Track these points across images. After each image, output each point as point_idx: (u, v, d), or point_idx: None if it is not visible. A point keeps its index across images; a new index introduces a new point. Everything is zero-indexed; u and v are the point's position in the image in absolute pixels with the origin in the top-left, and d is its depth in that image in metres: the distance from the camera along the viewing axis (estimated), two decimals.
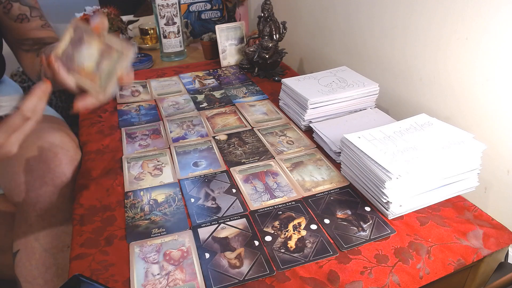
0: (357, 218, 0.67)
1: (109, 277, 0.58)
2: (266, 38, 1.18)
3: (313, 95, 0.90)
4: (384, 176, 0.63)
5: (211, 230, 0.65)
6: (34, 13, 0.88)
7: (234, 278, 0.57)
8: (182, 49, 1.43)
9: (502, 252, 0.66)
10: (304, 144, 0.88)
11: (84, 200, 0.73)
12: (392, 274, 0.57)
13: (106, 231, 0.66)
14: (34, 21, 0.88)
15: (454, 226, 0.65)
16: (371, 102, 0.95)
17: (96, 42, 0.61)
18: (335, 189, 0.74)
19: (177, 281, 0.56)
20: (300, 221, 0.67)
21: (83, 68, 0.61)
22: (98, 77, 0.62)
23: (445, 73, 0.83)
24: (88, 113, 1.05)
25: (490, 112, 0.75)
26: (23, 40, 0.88)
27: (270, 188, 0.74)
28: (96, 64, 0.61)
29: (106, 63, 0.62)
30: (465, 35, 0.76)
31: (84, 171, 0.81)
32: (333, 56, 1.23)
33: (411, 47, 0.90)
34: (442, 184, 0.68)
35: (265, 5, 1.16)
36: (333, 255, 0.60)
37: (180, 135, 0.93)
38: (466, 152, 0.67)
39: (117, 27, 1.46)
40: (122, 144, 0.90)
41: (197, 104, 1.08)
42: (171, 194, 0.74)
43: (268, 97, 1.11)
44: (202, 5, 1.58)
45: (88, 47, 0.61)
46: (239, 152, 0.86)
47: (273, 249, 0.61)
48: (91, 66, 0.61)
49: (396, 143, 0.69)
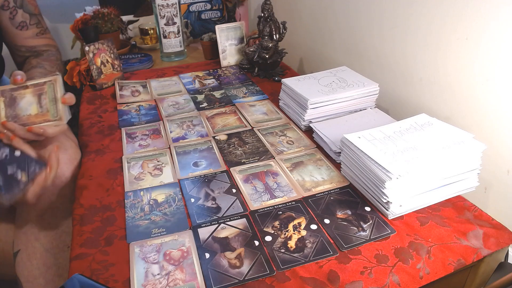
0: (357, 218, 0.67)
1: (109, 277, 0.58)
2: (266, 38, 1.18)
3: (313, 95, 0.90)
4: (384, 176, 0.63)
5: (211, 230, 0.65)
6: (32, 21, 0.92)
7: (234, 278, 0.57)
8: (182, 49, 1.43)
9: (502, 252, 0.66)
10: (304, 144, 0.88)
11: (84, 200, 0.73)
12: (392, 274, 0.57)
13: (106, 231, 0.66)
14: (31, 29, 0.92)
15: (454, 226, 0.65)
16: (371, 102, 0.95)
17: (26, 91, 0.73)
18: (335, 189, 0.74)
19: (177, 281, 0.56)
20: (300, 221, 0.67)
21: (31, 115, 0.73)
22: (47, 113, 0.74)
23: (445, 73, 0.83)
24: (88, 113, 1.05)
25: (490, 112, 0.75)
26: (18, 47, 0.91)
27: (270, 188, 0.74)
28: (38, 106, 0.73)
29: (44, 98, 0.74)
30: (465, 35, 0.76)
31: (84, 171, 0.81)
32: (333, 56, 1.23)
33: (411, 47, 0.90)
34: (442, 184, 0.68)
35: (265, 5, 1.16)
36: (333, 255, 0.60)
37: (180, 135, 0.93)
38: (466, 152, 0.67)
39: (117, 27, 1.46)
40: (122, 144, 0.90)
41: (197, 104, 1.08)
42: (171, 194, 0.74)
43: (268, 97, 1.11)
44: (202, 5, 1.58)
45: (22, 99, 0.72)
46: (239, 152, 0.86)
47: (273, 249, 0.61)
48: (35, 110, 0.73)
49: (396, 143, 0.69)
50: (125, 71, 1.30)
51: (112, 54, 1.20)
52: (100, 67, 1.17)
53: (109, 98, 1.13)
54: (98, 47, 1.16)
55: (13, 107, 0.71)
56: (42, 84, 0.73)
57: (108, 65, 1.20)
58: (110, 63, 1.20)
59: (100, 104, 1.10)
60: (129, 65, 1.34)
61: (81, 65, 1.19)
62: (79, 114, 1.07)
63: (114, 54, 1.21)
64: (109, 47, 1.19)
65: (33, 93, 0.72)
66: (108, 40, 1.20)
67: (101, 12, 1.42)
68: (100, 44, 1.17)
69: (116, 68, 1.22)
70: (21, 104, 0.72)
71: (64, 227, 0.81)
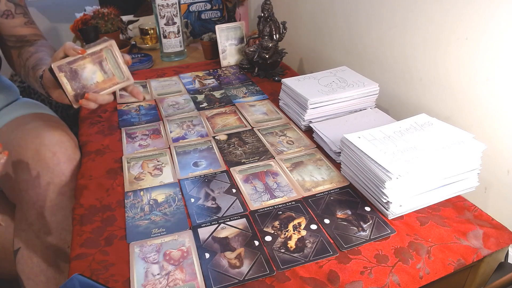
0: (357, 218, 0.67)
1: (109, 277, 0.58)
2: (266, 38, 1.18)
3: (313, 95, 0.90)
4: (384, 176, 0.63)
5: (211, 230, 0.65)
6: (18, 10, 0.92)
7: (234, 278, 0.57)
8: (182, 49, 1.43)
9: (502, 252, 0.66)
10: (304, 144, 0.88)
11: (84, 200, 0.73)
12: (392, 274, 0.57)
13: (106, 231, 0.66)
14: (18, 18, 0.91)
15: (454, 226, 0.65)
16: (371, 102, 0.95)
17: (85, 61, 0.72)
18: (335, 189, 0.74)
19: (177, 281, 0.56)
20: (300, 221, 0.67)
21: (99, 82, 0.73)
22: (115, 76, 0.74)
23: (445, 73, 0.83)
24: (88, 113, 1.05)
25: (490, 112, 0.75)
26: (7, 36, 0.92)
27: (270, 188, 0.74)
28: (103, 71, 0.73)
29: (106, 64, 0.73)
30: (465, 35, 0.76)
31: (84, 171, 0.81)
32: (333, 56, 1.23)
33: (411, 47, 0.90)
34: (442, 184, 0.68)
35: (265, 5, 1.16)
36: (333, 255, 0.60)
37: (180, 135, 0.93)
38: (466, 152, 0.67)
39: (117, 27, 1.46)
40: (122, 144, 0.90)
41: (197, 104, 1.08)
42: (171, 194, 0.74)
43: (268, 97, 1.11)
44: (202, 5, 1.58)
45: (84, 69, 0.72)
46: (239, 152, 0.86)
47: (273, 249, 0.61)
48: (101, 76, 0.73)
49: (396, 143, 0.69)
50: None
51: None
52: None
53: None
54: None
55: (77, 79, 0.71)
56: (99, 51, 0.73)
57: None
58: None
59: None
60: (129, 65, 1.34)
61: None
62: (79, 114, 1.07)
63: None
64: None
65: (93, 61, 0.72)
66: None
67: (101, 12, 1.42)
68: None
69: None
70: (84, 74, 0.72)
71: (64, 225, 0.82)
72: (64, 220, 0.82)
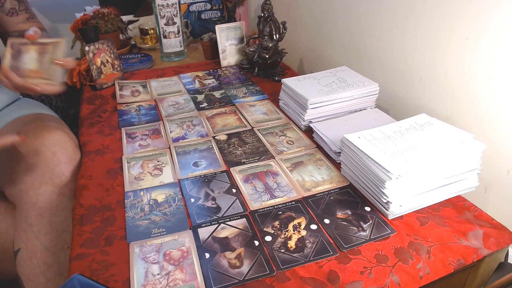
0: (357, 218, 0.67)
1: (109, 277, 0.58)
2: (266, 38, 1.18)
3: (313, 95, 0.90)
4: (384, 176, 0.63)
5: (211, 230, 0.65)
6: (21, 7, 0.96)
7: (234, 278, 0.57)
8: (182, 49, 1.43)
9: (502, 252, 0.66)
10: (304, 144, 0.88)
11: (84, 200, 0.73)
12: (392, 274, 0.57)
13: (106, 231, 0.66)
14: (21, 15, 0.96)
15: (454, 226, 0.65)
16: (371, 102, 0.95)
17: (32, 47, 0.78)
18: (335, 189, 0.74)
19: (177, 281, 0.56)
20: (300, 221, 0.67)
21: (29, 70, 0.78)
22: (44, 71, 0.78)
23: (445, 73, 0.83)
24: (88, 113, 1.05)
25: (490, 112, 0.75)
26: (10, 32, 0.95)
27: (270, 188, 0.74)
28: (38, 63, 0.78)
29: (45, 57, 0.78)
30: (465, 35, 0.76)
31: (84, 171, 0.81)
32: (333, 56, 1.23)
33: (411, 47, 0.90)
34: (442, 184, 0.68)
35: (265, 5, 1.16)
36: (333, 255, 0.60)
37: (180, 135, 0.93)
38: (466, 152, 0.67)
39: (117, 27, 1.46)
40: (122, 144, 0.90)
41: (197, 104, 1.08)
42: (171, 194, 0.74)
43: (268, 97, 1.11)
44: (202, 5, 1.58)
45: (27, 54, 0.77)
46: (239, 152, 0.86)
47: (273, 249, 0.61)
48: (35, 66, 0.78)
49: (396, 143, 0.69)
50: (125, 71, 1.30)
51: (112, 54, 1.20)
52: (100, 67, 1.17)
53: (109, 98, 1.13)
54: (98, 47, 1.16)
55: (17, 59, 0.76)
56: (47, 44, 0.78)
57: (108, 65, 1.20)
58: (110, 63, 1.20)
59: (100, 104, 1.10)
60: (129, 65, 1.34)
61: (81, 65, 1.19)
62: (79, 114, 1.07)
63: (114, 54, 1.21)
64: (109, 47, 1.20)
65: (38, 50, 0.77)
66: (108, 40, 1.20)
67: (101, 12, 1.42)
68: (100, 44, 1.17)
69: (116, 68, 1.22)
70: (24, 58, 0.77)
71: (64, 225, 0.82)
72: (64, 221, 0.82)
